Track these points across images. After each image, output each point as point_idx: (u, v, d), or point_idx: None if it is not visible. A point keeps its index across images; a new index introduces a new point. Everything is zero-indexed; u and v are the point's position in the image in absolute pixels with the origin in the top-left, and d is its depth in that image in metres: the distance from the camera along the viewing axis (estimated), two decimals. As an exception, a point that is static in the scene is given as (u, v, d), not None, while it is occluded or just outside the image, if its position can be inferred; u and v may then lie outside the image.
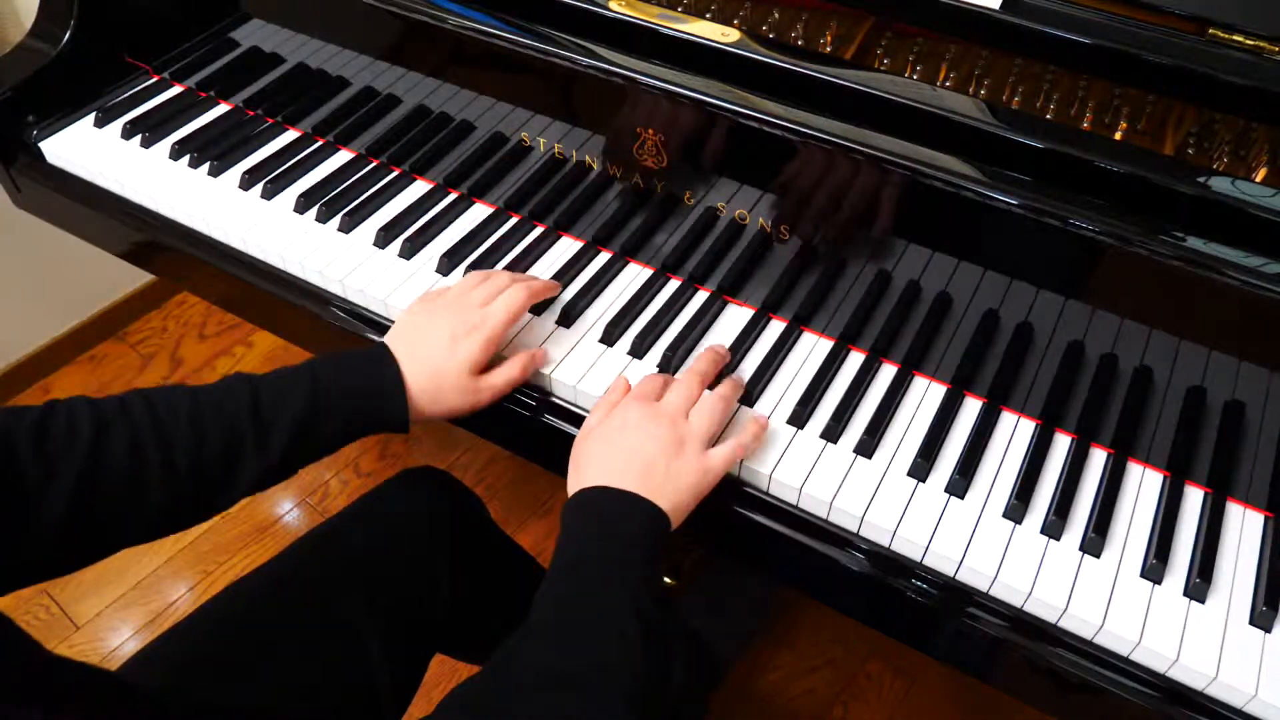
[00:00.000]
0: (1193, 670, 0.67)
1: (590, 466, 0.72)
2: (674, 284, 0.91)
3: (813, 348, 0.86)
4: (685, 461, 0.72)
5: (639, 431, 0.72)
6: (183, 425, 0.68)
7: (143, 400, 0.68)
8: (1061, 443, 0.80)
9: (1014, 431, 0.80)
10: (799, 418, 0.80)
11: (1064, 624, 0.70)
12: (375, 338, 0.90)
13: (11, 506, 0.61)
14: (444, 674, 1.33)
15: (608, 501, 0.69)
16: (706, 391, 0.78)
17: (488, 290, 0.81)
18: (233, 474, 0.70)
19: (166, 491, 0.67)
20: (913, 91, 0.75)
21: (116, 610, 1.49)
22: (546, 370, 0.83)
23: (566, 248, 0.95)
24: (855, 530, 0.75)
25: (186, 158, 1.04)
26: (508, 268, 0.93)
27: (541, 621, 0.64)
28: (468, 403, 0.78)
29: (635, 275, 0.92)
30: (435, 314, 0.80)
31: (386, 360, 0.76)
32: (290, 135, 1.07)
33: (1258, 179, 0.72)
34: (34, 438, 0.63)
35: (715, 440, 0.76)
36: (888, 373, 0.84)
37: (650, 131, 0.83)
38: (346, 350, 0.77)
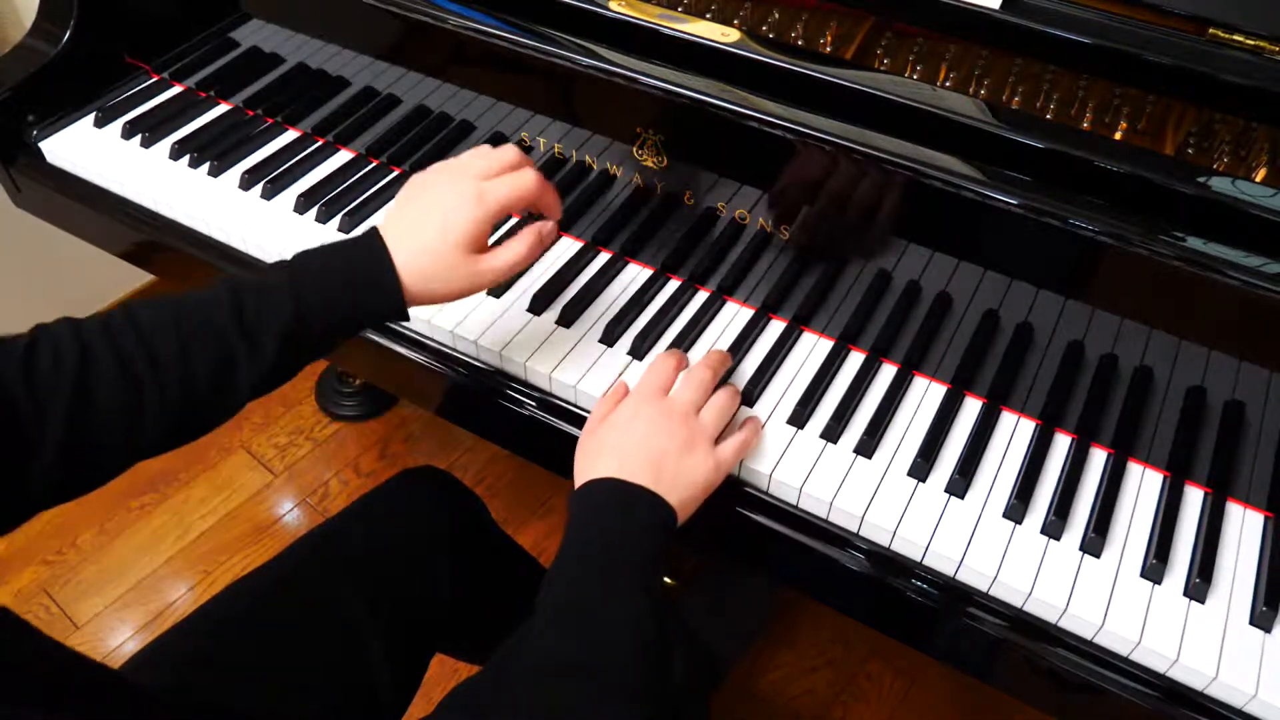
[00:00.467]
0: (1193, 670, 0.67)
1: (600, 457, 0.70)
2: (674, 284, 0.91)
3: (813, 348, 0.86)
4: (696, 458, 0.71)
5: (650, 424, 0.71)
6: (170, 347, 0.65)
7: (127, 320, 0.65)
8: (1061, 443, 0.80)
9: (1014, 431, 0.80)
10: (799, 418, 0.80)
11: (1064, 624, 0.70)
12: (374, 337, 0.90)
13: (9, 438, 0.60)
14: (444, 674, 1.33)
15: (617, 494, 0.68)
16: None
17: (491, 162, 0.74)
18: (230, 386, 0.67)
19: (163, 411, 0.65)
20: (913, 91, 0.75)
21: (116, 610, 1.49)
22: (546, 370, 0.83)
23: (566, 248, 0.95)
24: (855, 530, 0.75)
25: (186, 158, 1.04)
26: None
27: (546, 613, 0.63)
28: (466, 284, 0.72)
29: (635, 275, 0.92)
30: (429, 186, 0.74)
31: (375, 248, 0.70)
32: (290, 135, 1.07)
33: (1258, 179, 0.72)
34: (22, 369, 0.61)
35: (720, 438, 0.75)
36: (888, 373, 0.84)
37: (650, 131, 0.83)
38: (333, 243, 0.72)
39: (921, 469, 0.76)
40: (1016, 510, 0.74)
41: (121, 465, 0.66)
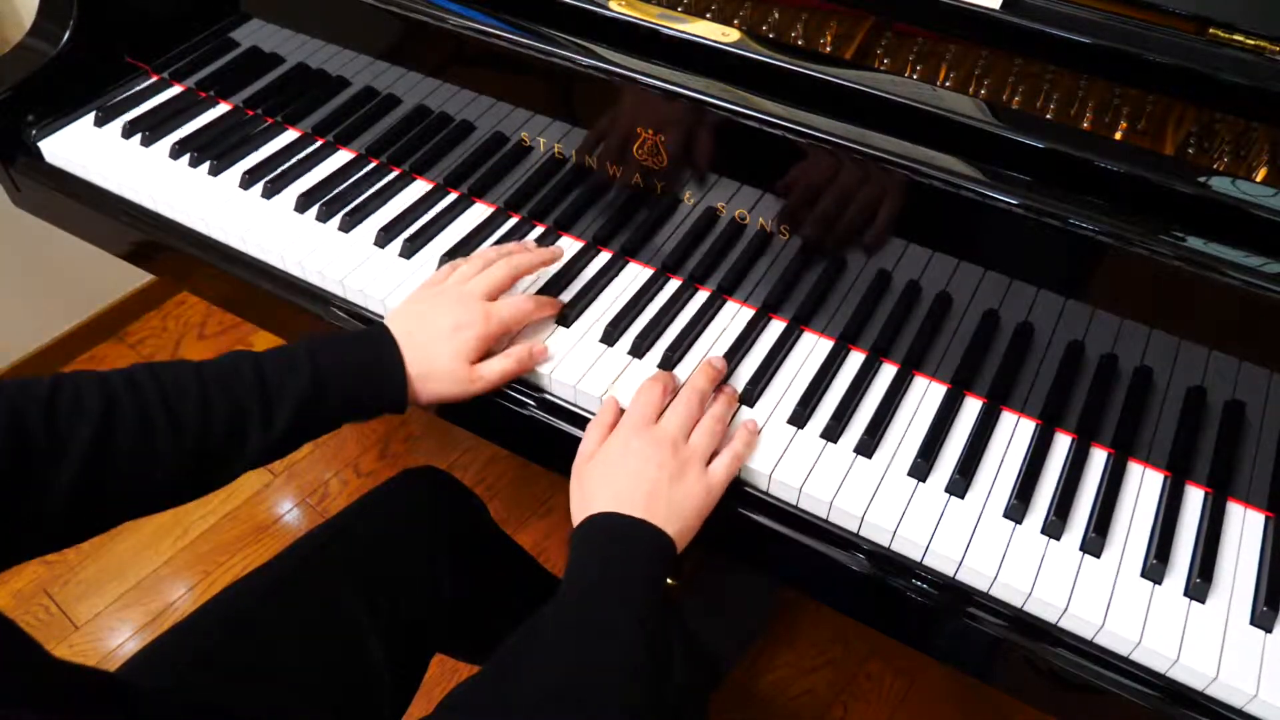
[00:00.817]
0: (1193, 670, 0.67)
1: (596, 494, 0.72)
2: (674, 284, 0.91)
3: (813, 347, 0.86)
4: (688, 484, 0.72)
5: (641, 457, 0.72)
6: (190, 405, 0.68)
7: (150, 375, 0.69)
8: (1062, 442, 0.80)
9: (1014, 431, 0.80)
10: (799, 418, 0.80)
11: (1064, 624, 0.70)
12: (375, 338, 0.90)
13: (21, 479, 0.61)
14: (444, 674, 1.33)
15: (614, 528, 0.69)
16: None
17: (488, 282, 0.81)
18: (237, 450, 0.70)
19: (172, 466, 0.67)
20: (913, 91, 0.75)
21: (116, 610, 1.49)
22: (546, 370, 0.83)
23: (566, 247, 0.95)
24: (855, 530, 0.75)
25: (186, 157, 1.04)
26: (508, 268, 0.93)
27: (544, 637, 0.64)
28: (460, 390, 0.78)
29: (635, 275, 0.92)
30: (438, 300, 0.80)
31: (386, 340, 0.77)
32: (290, 135, 1.07)
33: (1258, 179, 0.72)
34: (43, 411, 0.63)
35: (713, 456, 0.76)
36: (888, 373, 0.84)
37: (650, 131, 0.83)
38: (347, 334, 0.78)
39: (921, 469, 0.76)
40: (1017, 510, 0.74)
41: (125, 516, 0.68)
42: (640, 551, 0.69)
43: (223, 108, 1.11)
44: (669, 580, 1.37)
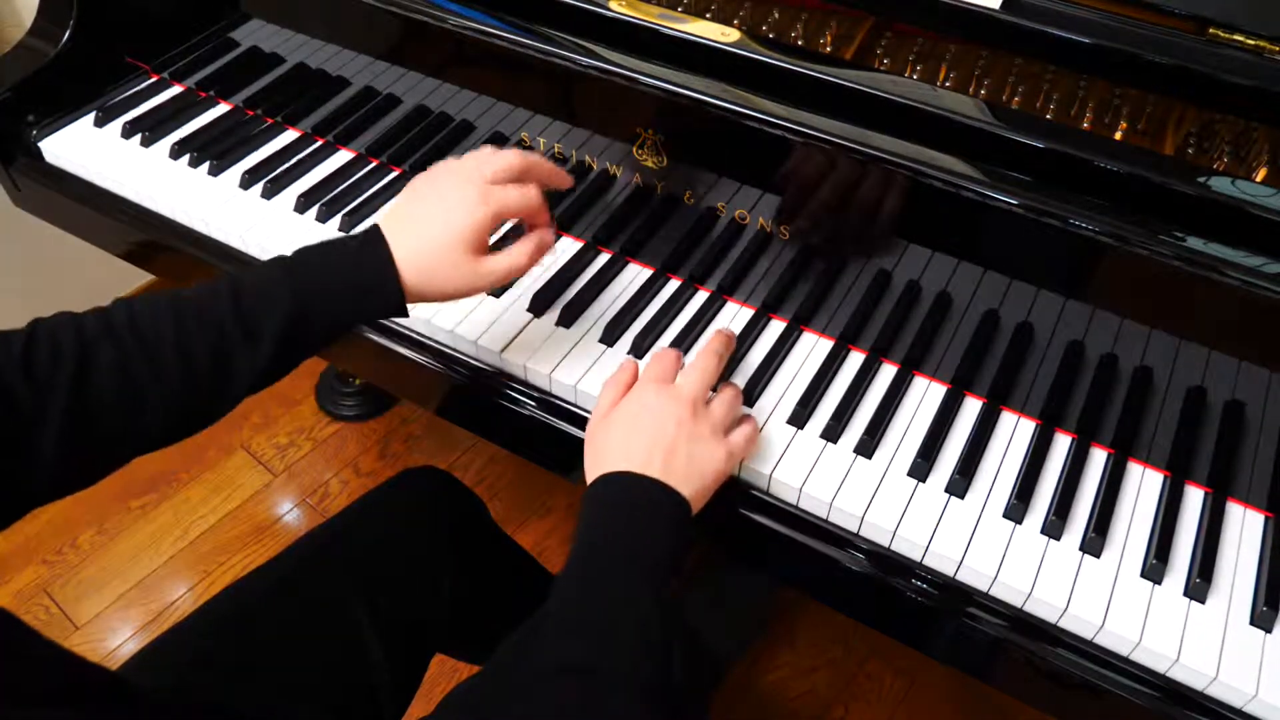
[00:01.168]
0: (1193, 670, 0.67)
1: (610, 451, 0.69)
2: (674, 284, 0.91)
3: (813, 348, 0.86)
4: (707, 447, 0.70)
5: (660, 414, 0.70)
6: (168, 343, 0.65)
7: (127, 318, 0.66)
8: (1061, 443, 0.80)
9: (1014, 431, 0.80)
10: (799, 418, 0.80)
11: (1064, 624, 0.70)
12: (375, 337, 0.90)
13: (10, 433, 0.60)
14: (444, 674, 1.33)
15: (631, 490, 0.67)
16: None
17: (496, 166, 0.73)
18: (226, 384, 0.67)
19: (161, 405, 0.65)
20: (913, 91, 0.75)
21: (116, 610, 1.49)
22: (546, 370, 0.83)
23: (566, 247, 0.95)
24: (855, 530, 0.75)
25: (186, 157, 1.04)
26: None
27: (555, 612, 0.63)
28: (466, 284, 0.72)
29: (635, 275, 0.92)
30: (434, 184, 0.73)
31: (376, 244, 0.70)
32: (290, 135, 1.07)
33: (1258, 179, 0.72)
34: (20, 362, 0.61)
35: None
36: (888, 373, 0.84)
37: (650, 131, 0.83)
38: (336, 239, 0.72)
39: (921, 469, 0.76)
40: (1016, 510, 0.74)
41: (122, 458, 0.66)
42: (659, 520, 0.66)
43: (223, 108, 1.11)
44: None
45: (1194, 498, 0.76)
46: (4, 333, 0.63)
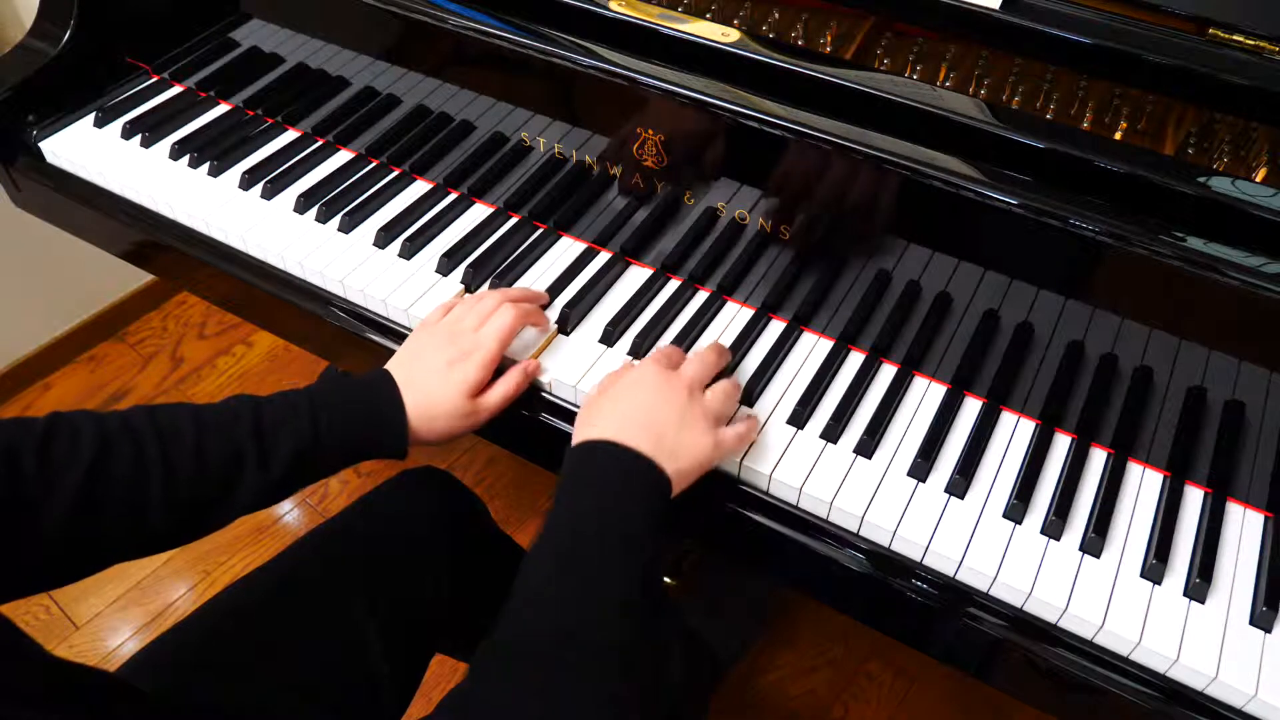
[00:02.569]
0: (1193, 670, 0.67)
1: (601, 418, 0.71)
2: (674, 284, 0.91)
3: (813, 348, 0.86)
4: (696, 432, 0.71)
5: (655, 392, 0.72)
6: (186, 446, 0.68)
7: (147, 418, 0.68)
8: (1061, 443, 0.80)
9: (1014, 431, 0.80)
10: (799, 418, 0.80)
11: (1064, 624, 0.70)
12: (375, 338, 0.90)
13: (13, 518, 0.61)
14: (444, 674, 1.33)
15: (614, 459, 0.68)
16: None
17: (479, 314, 0.81)
18: (231, 496, 0.70)
19: (165, 510, 0.67)
20: (913, 91, 0.75)
21: (116, 610, 1.49)
22: (546, 369, 0.83)
23: (566, 248, 0.95)
24: (855, 530, 0.75)
25: (186, 158, 1.04)
26: (507, 268, 0.93)
27: (536, 584, 0.63)
28: (465, 425, 0.79)
29: (635, 275, 0.92)
30: (430, 341, 0.80)
31: (388, 387, 0.77)
32: (290, 135, 1.07)
33: (1258, 179, 0.72)
34: (38, 449, 0.63)
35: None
36: (888, 373, 0.84)
37: (650, 131, 0.83)
38: (348, 378, 0.78)
39: (921, 469, 0.76)
40: (1016, 510, 0.74)
41: (118, 557, 0.67)
42: (635, 492, 0.67)
43: (223, 108, 1.11)
44: (667, 580, 1.37)
45: (1194, 498, 0.76)
46: (27, 418, 0.65)
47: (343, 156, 1.05)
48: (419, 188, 1.01)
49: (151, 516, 0.67)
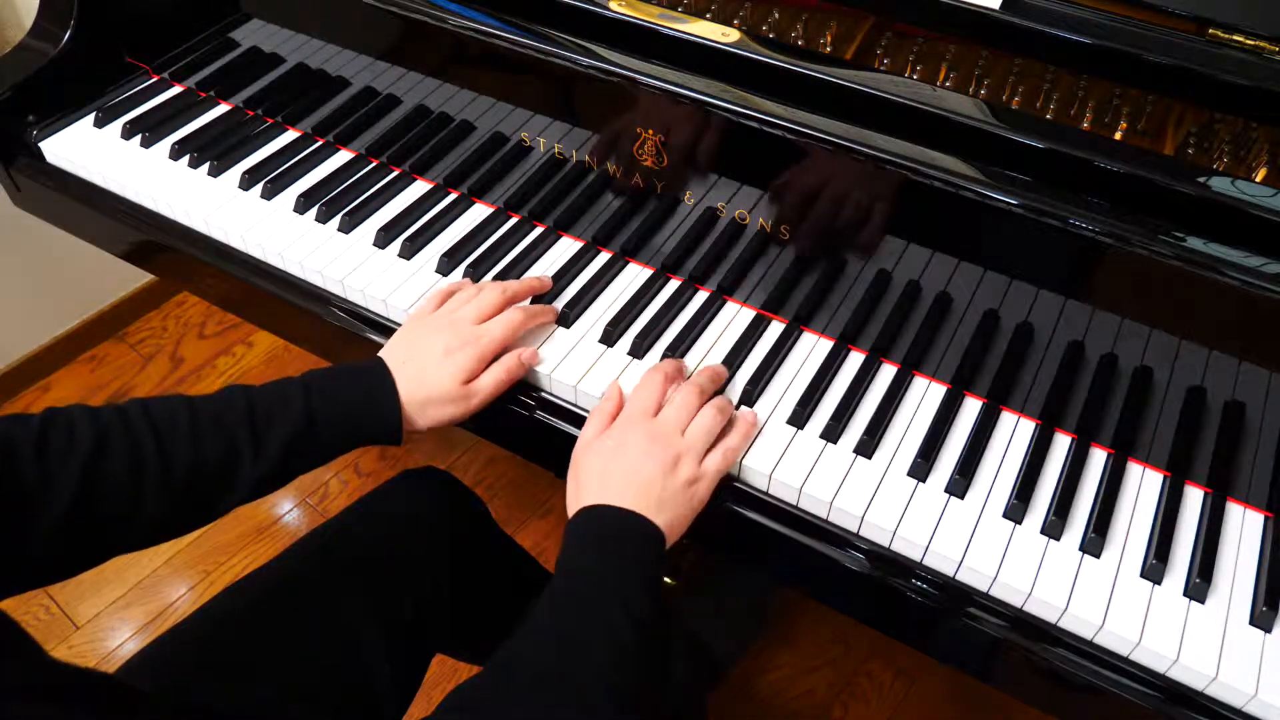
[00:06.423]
0: (1193, 670, 0.67)
1: (589, 485, 0.73)
2: (674, 284, 0.91)
3: (812, 348, 0.86)
4: (681, 478, 0.73)
5: (637, 450, 0.73)
6: (181, 436, 0.69)
7: (141, 410, 0.69)
8: (1061, 443, 0.80)
9: (1014, 431, 0.80)
10: (799, 418, 0.80)
11: (1064, 624, 0.70)
12: (375, 338, 0.90)
13: (11, 512, 0.61)
14: (444, 674, 1.33)
15: (607, 520, 0.70)
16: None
17: (478, 306, 0.82)
18: (229, 484, 0.71)
19: (163, 501, 0.68)
20: (913, 91, 0.75)
21: (116, 610, 1.49)
22: (546, 370, 0.83)
23: (566, 248, 0.95)
24: (855, 530, 0.75)
25: (186, 158, 1.04)
26: (507, 268, 0.93)
27: (539, 627, 0.65)
28: (459, 411, 0.79)
29: (635, 275, 0.92)
30: (429, 328, 0.81)
31: (381, 373, 0.77)
32: (290, 135, 1.07)
33: (1258, 179, 0.72)
34: (35, 444, 0.63)
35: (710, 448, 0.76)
36: (887, 373, 0.84)
37: (650, 131, 0.83)
38: (341, 364, 0.79)
39: (921, 469, 0.76)
40: (1016, 510, 0.74)
41: (116, 549, 0.68)
42: (630, 541, 0.70)
43: (223, 108, 1.11)
44: (667, 580, 1.37)
45: (1194, 498, 0.76)
46: (25, 415, 0.66)
47: (343, 156, 1.05)
48: (419, 188, 1.01)
49: (149, 507, 0.67)
